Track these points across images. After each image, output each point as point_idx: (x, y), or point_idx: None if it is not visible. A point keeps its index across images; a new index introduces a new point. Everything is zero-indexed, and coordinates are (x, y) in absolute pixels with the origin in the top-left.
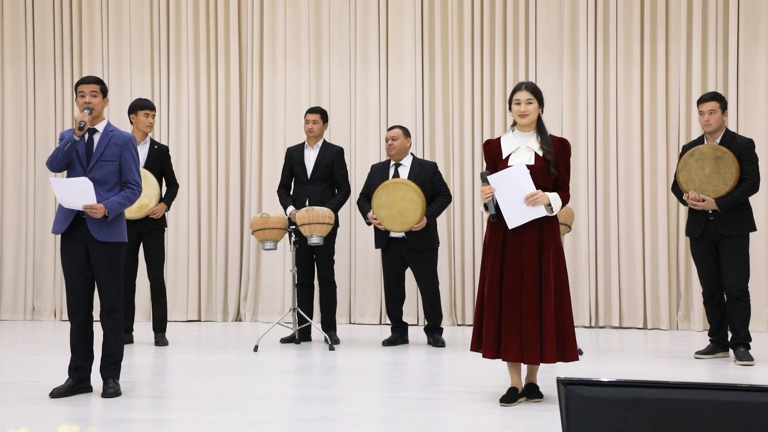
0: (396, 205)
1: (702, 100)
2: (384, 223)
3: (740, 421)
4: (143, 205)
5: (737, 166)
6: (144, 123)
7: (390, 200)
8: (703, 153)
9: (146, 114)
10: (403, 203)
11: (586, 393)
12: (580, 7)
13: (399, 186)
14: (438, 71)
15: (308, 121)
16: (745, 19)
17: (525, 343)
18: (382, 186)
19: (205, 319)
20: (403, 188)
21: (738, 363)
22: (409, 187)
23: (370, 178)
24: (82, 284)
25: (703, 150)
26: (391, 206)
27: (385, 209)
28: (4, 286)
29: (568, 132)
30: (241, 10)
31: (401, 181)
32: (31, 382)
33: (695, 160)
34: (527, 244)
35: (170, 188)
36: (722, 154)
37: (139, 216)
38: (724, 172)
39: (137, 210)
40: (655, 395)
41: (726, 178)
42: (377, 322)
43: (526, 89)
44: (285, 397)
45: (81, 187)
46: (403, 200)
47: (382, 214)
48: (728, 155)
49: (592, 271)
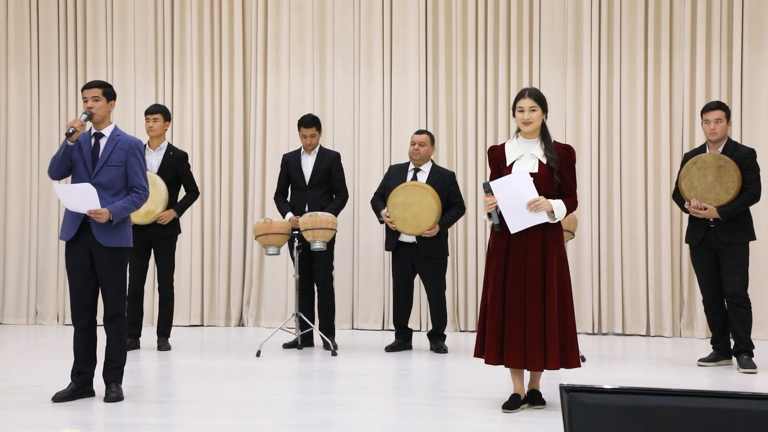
0: (411, 208)
1: (708, 108)
2: (396, 223)
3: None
4: (150, 211)
5: (739, 175)
6: (146, 127)
7: (406, 201)
8: (706, 161)
9: (146, 118)
10: (419, 207)
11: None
12: (584, 14)
13: (418, 189)
14: (442, 77)
15: (305, 136)
16: (749, 26)
17: (528, 350)
18: (401, 186)
19: (207, 324)
20: (422, 192)
21: (741, 371)
22: (428, 192)
23: (386, 179)
24: (86, 289)
25: (705, 158)
26: (407, 208)
27: (400, 209)
28: (8, 290)
29: (571, 138)
30: (245, 16)
31: (421, 184)
32: (33, 387)
33: (698, 168)
34: (531, 250)
35: (187, 194)
36: (725, 162)
37: (146, 222)
38: (726, 181)
39: (144, 215)
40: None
41: (728, 187)
42: (380, 328)
43: (529, 96)
44: (287, 402)
45: (85, 193)
46: (419, 204)
47: (396, 213)
48: (731, 164)
49: (595, 278)
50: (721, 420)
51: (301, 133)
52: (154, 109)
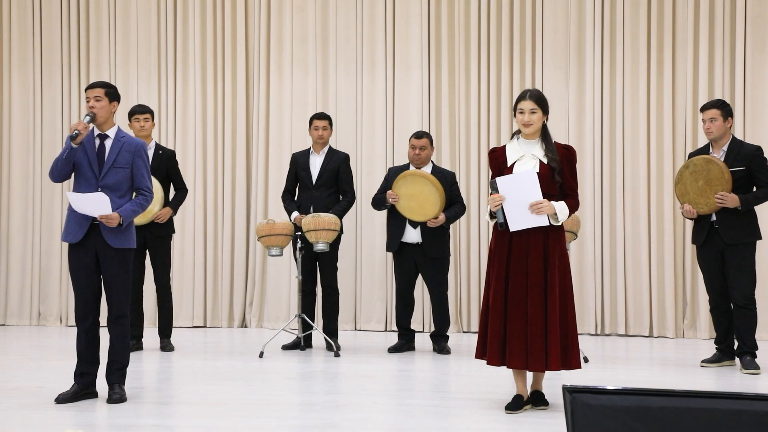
0: (415, 197)
1: (703, 108)
2: (404, 213)
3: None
4: (147, 210)
5: (728, 177)
6: (134, 128)
7: (408, 192)
8: (697, 165)
9: (136, 119)
10: (422, 196)
11: (591, 401)
12: (587, 15)
13: (418, 179)
14: (444, 78)
15: (317, 128)
16: (752, 26)
17: (530, 350)
18: (400, 177)
19: (210, 325)
20: (421, 182)
21: (744, 372)
22: (426, 180)
23: (386, 180)
24: (91, 290)
25: (696, 162)
26: (410, 198)
27: (405, 200)
28: (11, 292)
29: (574, 139)
30: (248, 17)
31: (419, 173)
32: (36, 388)
33: (690, 173)
34: (533, 251)
35: (178, 193)
36: (713, 166)
37: (144, 221)
38: (716, 185)
39: (142, 215)
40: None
41: (717, 191)
42: (383, 329)
43: (529, 98)
44: (290, 403)
45: (98, 201)
46: (422, 193)
47: (401, 204)
48: (717, 167)
49: (598, 279)
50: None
51: (313, 125)
52: (144, 109)
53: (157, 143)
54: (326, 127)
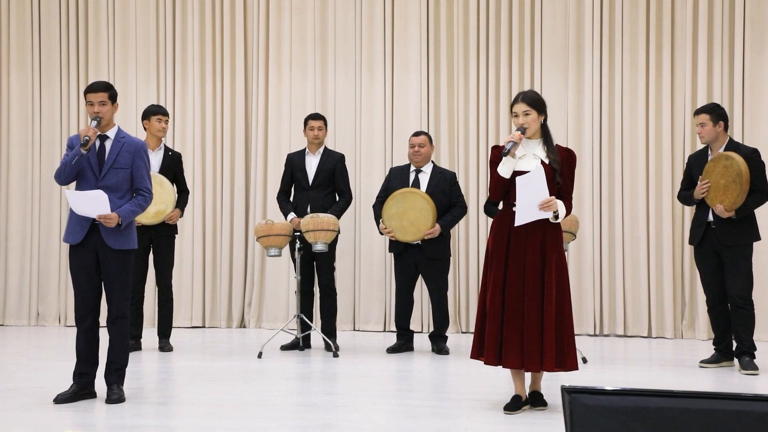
0: (406, 214)
1: (695, 113)
2: (396, 234)
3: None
4: (160, 211)
5: (739, 202)
6: (156, 128)
7: (400, 210)
8: (731, 167)
9: (159, 119)
10: (413, 212)
11: (590, 401)
12: (586, 16)
13: (408, 195)
14: (443, 79)
15: (313, 128)
16: (751, 27)
17: (526, 350)
18: (391, 197)
19: (209, 326)
20: (412, 197)
21: (743, 372)
22: (418, 195)
23: (387, 181)
24: (91, 291)
25: (733, 163)
26: (402, 216)
27: (396, 220)
28: (9, 292)
29: (573, 140)
30: (247, 17)
31: (410, 190)
32: (35, 388)
33: (723, 167)
34: (530, 250)
35: (182, 194)
36: (739, 179)
37: (155, 222)
38: (728, 196)
39: (153, 216)
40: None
41: (725, 201)
42: (381, 329)
43: (522, 101)
44: (289, 403)
45: (96, 199)
46: (413, 209)
47: (393, 224)
48: (739, 188)
49: (596, 279)
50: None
51: (309, 125)
52: (165, 111)
53: (166, 145)
54: (322, 128)
